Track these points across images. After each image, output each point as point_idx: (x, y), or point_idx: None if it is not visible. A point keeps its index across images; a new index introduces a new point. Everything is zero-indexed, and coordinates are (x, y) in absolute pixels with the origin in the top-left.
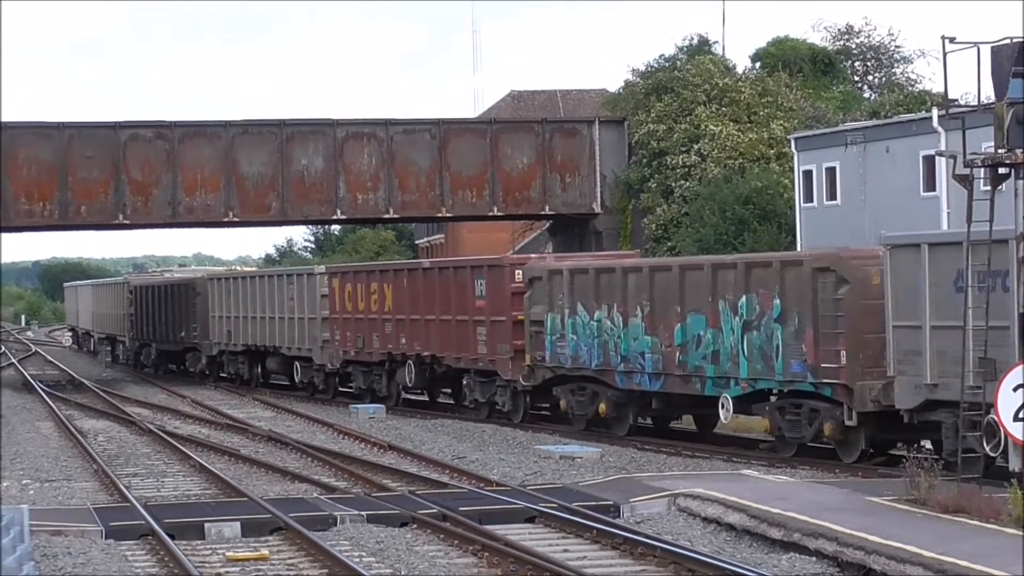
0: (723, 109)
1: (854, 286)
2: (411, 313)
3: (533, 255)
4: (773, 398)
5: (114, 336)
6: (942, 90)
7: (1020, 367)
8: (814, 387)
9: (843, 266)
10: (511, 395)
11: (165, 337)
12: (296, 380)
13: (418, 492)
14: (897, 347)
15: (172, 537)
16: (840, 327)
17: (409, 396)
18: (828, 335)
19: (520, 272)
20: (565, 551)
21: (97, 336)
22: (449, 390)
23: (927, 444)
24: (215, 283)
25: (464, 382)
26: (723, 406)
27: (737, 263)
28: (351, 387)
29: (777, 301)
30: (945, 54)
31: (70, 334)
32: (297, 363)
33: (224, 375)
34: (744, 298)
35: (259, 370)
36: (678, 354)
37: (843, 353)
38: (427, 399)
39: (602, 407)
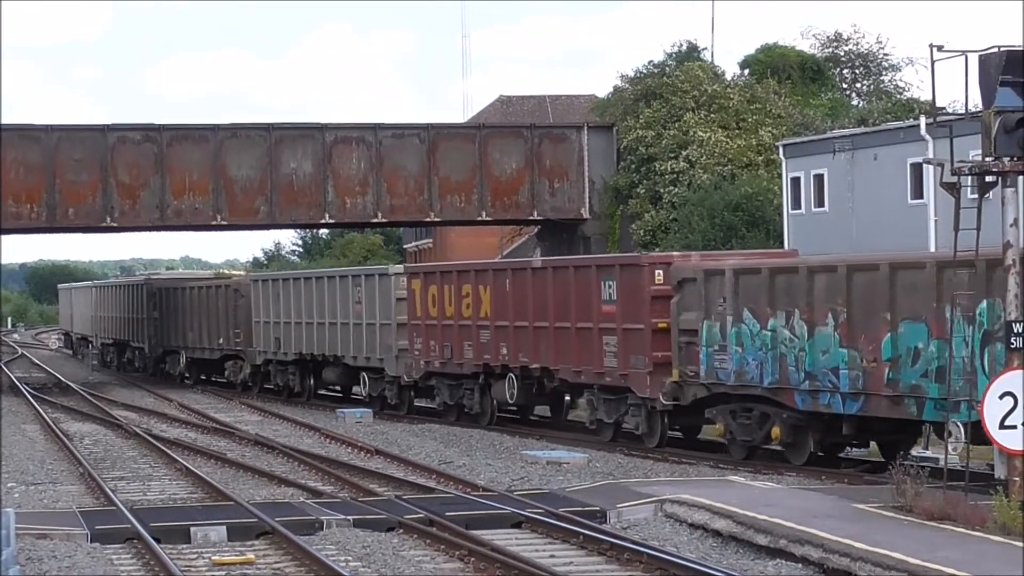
0: (712, 115)
1: None
2: (516, 319)
3: (675, 253)
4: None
5: (125, 342)
6: (930, 98)
7: (1006, 375)
8: None
9: None
10: (646, 416)
11: (199, 344)
12: (363, 393)
13: (405, 497)
14: None
15: (158, 541)
16: None
17: (504, 414)
18: None
19: (660, 272)
20: (551, 556)
21: (100, 342)
22: (547, 407)
23: None
24: (261, 285)
25: (585, 400)
26: (951, 434)
27: (975, 261)
28: (426, 401)
29: None
30: (933, 62)
31: (56, 337)
32: (364, 374)
33: (270, 386)
34: (984, 303)
35: (311, 382)
36: (887, 370)
37: None
38: (518, 417)
39: (775, 431)
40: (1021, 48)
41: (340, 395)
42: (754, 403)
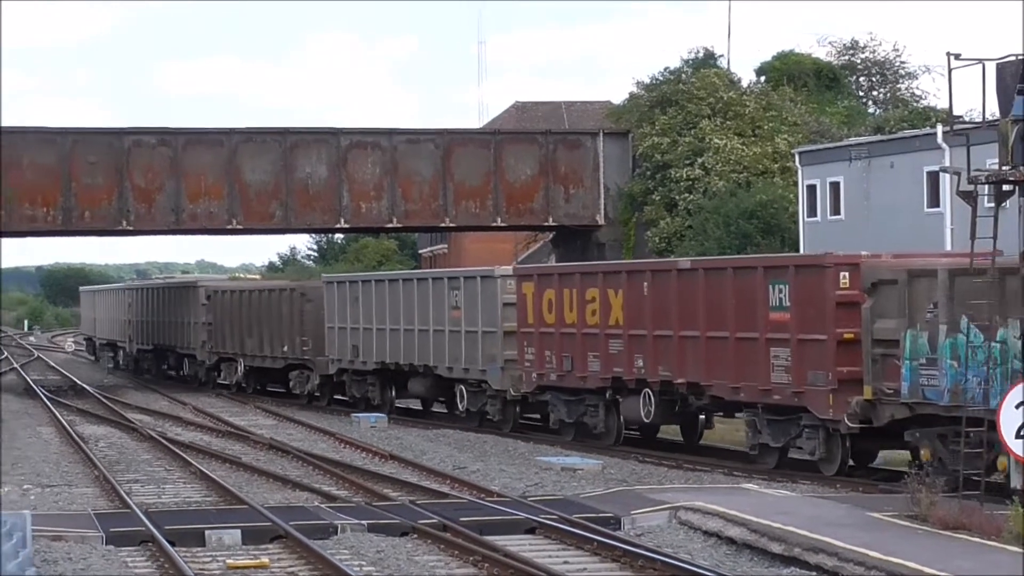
0: (727, 123)
1: None
2: (656, 327)
3: (864, 252)
4: None
5: (168, 347)
6: (947, 106)
7: (1021, 385)
8: None
9: None
10: (824, 439)
11: (259, 352)
12: (459, 408)
13: (419, 502)
14: None
15: (172, 544)
16: None
17: (631, 432)
18: None
19: (847, 274)
20: (565, 563)
21: (137, 348)
22: (676, 426)
23: None
24: (336, 288)
25: (745, 420)
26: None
27: None
28: (536, 417)
29: None
30: (950, 70)
31: (73, 340)
32: (461, 387)
33: (341, 398)
34: None
35: (392, 393)
36: None
37: None
38: (639, 436)
39: (1001, 462)
40: None
41: (420, 409)
42: (971, 426)
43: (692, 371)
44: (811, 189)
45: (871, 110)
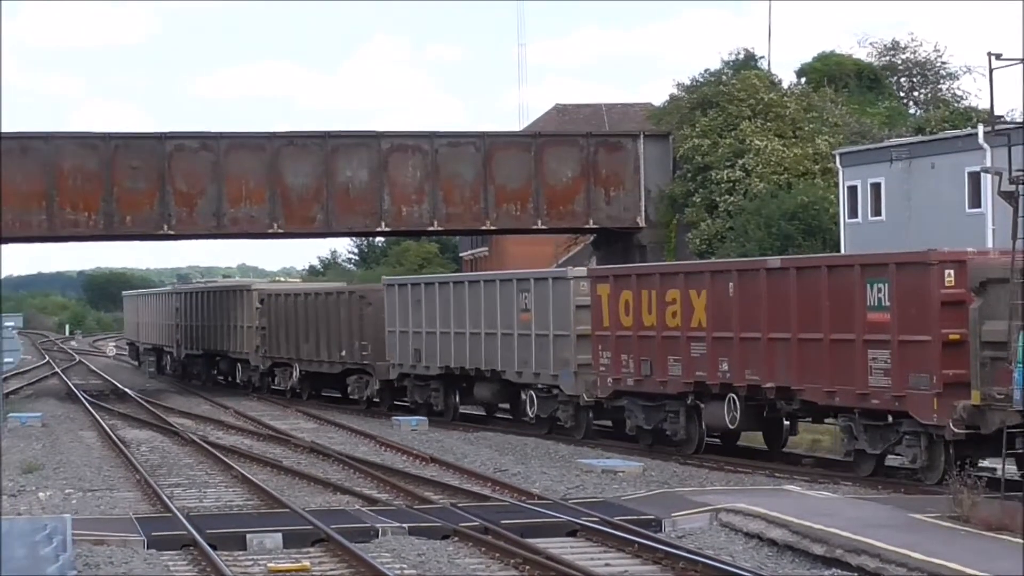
0: (768, 124)
1: None
2: (743, 329)
3: (970, 249)
4: None
5: (219, 353)
6: (988, 106)
7: None
8: None
9: None
10: (926, 445)
11: (315, 357)
12: (529, 414)
13: (460, 505)
14: None
15: (214, 547)
16: None
17: (712, 439)
18: None
19: (952, 272)
20: (607, 565)
21: (185, 352)
22: (759, 432)
23: None
24: (398, 290)
25: (840, 427)
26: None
27: None
28: (607, 424)
29: None
30: (991, 70)
31: (115, 344)
32: (531, 392)
33: (402, 403)
34: None
35: (456, 399)
36: None
37: None
38: (720, 444)
39: None
40: None
41: (483, 415)
42: None
43: (782, 375)
44: (852, 190)
45: (912, 111)
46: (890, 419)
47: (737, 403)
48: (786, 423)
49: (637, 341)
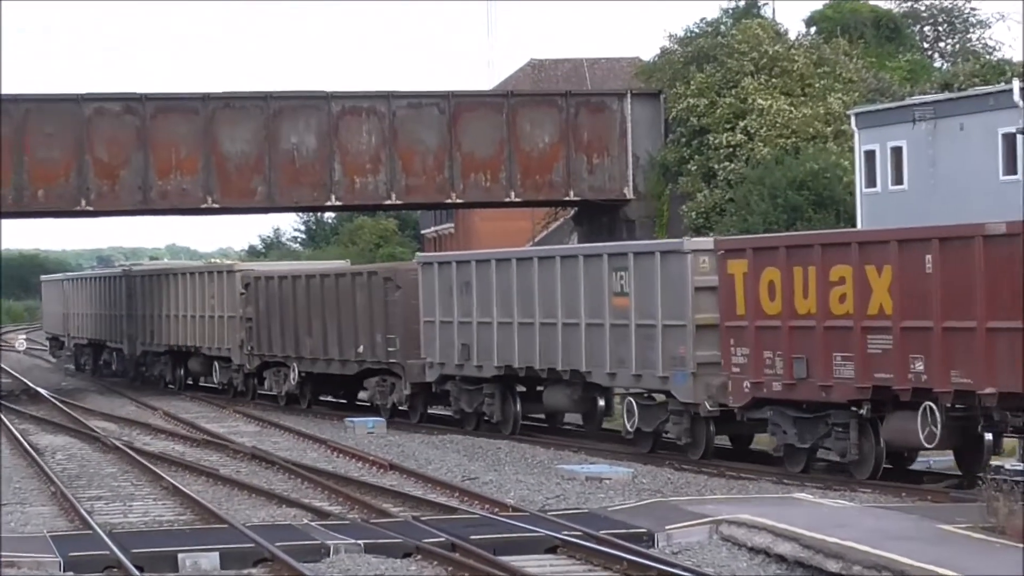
0: (773, 80)
1: None
2: (947, 318)
3: None
4: None
5: (189, 350)
6: (1023, 59)
7: None
8: None
9: None
10: None
11: (322, 354)
12: (627, 427)
13: (423, 518)
14: None
15: (141, 569)
16: None
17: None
18: None
19: None
20: None
21: (141, 349)
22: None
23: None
24: (435, 269)
25: None
26: None
27: None
28: (724, 440)
29: None
30: None
31: (25, 338)
32: (630, 400)
33: (438, 411)
34: None
35: (517, 407)
36: None
37: None
38: (891, 467)
39: None
40: None
41: (546, 426)
42: None
43: (1005, 378)
44: (869, 155)
45: (937, 64)
46: None
47: (936, 414)
48: (987, 437)
49: (788, 333)
